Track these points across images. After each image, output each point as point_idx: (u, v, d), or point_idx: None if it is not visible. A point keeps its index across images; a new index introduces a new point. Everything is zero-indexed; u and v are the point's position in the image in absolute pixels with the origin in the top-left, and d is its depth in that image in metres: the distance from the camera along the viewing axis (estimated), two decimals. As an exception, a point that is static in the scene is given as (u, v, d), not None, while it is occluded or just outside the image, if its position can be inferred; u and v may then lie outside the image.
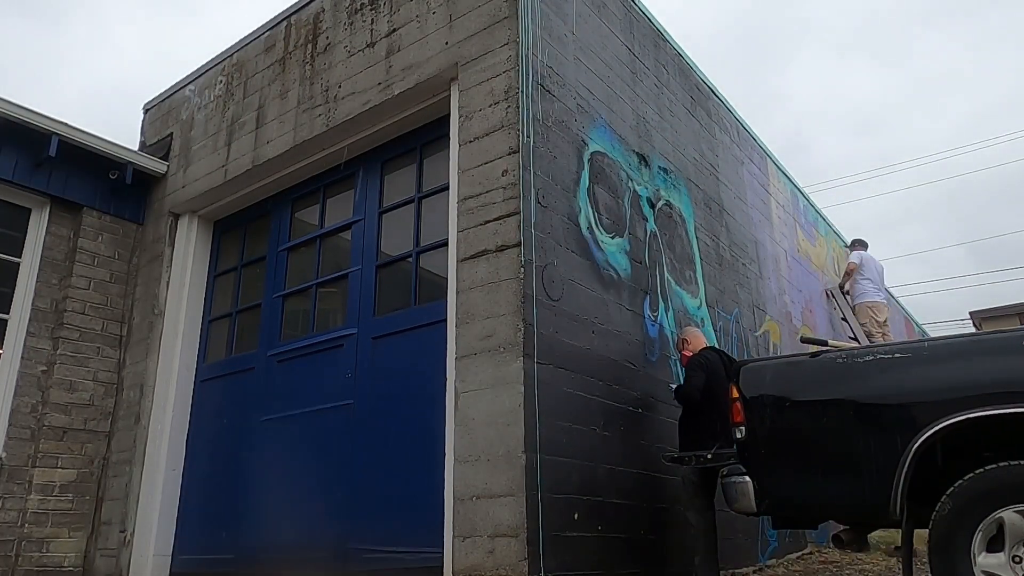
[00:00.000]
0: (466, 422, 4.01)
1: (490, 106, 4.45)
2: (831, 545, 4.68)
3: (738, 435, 3.46)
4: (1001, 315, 19.70)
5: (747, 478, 3.38)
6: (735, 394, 3.52)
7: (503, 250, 4.13)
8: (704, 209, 6.42)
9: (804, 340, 4.43)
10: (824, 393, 3.34)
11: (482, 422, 3.93)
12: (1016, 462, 2.81)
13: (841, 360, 3.38)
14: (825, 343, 3.68)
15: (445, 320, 4.43)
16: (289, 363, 5.65)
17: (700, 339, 5.05)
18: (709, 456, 4.16)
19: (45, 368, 6.07)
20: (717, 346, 5.58)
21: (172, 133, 7.05)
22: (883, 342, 7.80)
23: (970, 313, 21.07)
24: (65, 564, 5.84)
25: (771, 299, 7.49)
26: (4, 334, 6.03)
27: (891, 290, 13.78)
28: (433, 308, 4.71)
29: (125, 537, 5.79)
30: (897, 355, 3.19)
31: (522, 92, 4.34)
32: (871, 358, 3.25)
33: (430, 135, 5.19)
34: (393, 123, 5.28)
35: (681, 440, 4.68)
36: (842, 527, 3.59)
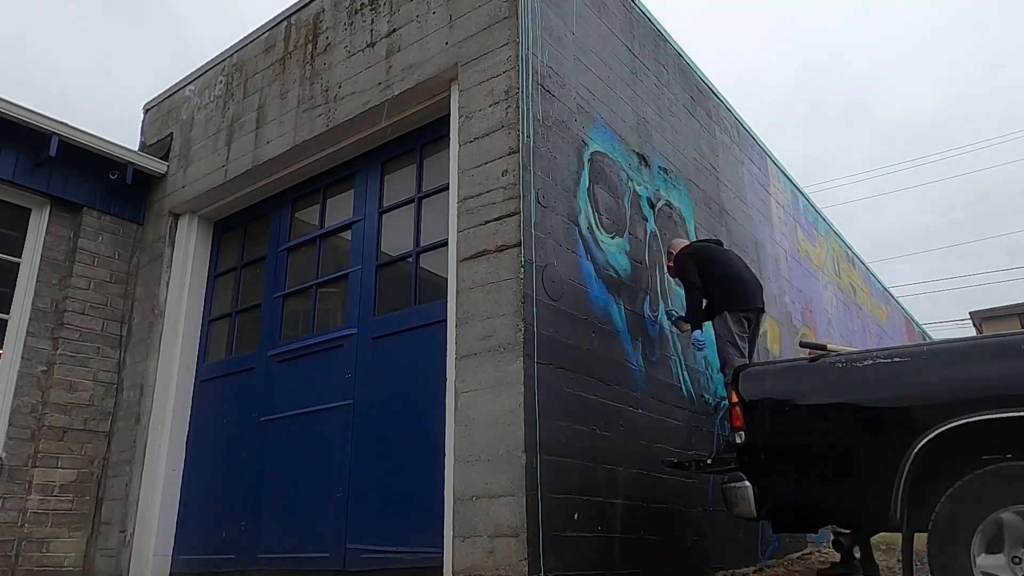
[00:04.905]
0: (466, 422, 4.01)
1: (490, 106, 4.45)
2: (831, 547, 4.68)
3: (738, 440, 3.46)
4: (1001, 315, 19.73)
5: (747, 483, 3.38)
6: (734, 399, 3.52)
7: (503, 250, 4.13)
8: (704, 209, 6.42)
9: (803, 345, 4.42)
10: (823, 398, 3.35)
11: (482, 422, 3.93)
12: (1016, 462, 2.81)
13: (840, 364, 3.38)
14: (824, 347, 3.68)
15: (445, 320, 4.42)
16: (289, 363, 5.65)
17: (681, 243, 5.45)
18: (709, 461, 4.16)
19: (45, 368, 6.07)
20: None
21: (172, 133, 7.04)
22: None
23: (970, 313, 21.10)
24: (65, 564, 5.84)
25: (771, 299, 7.47)
26: (4, 334, 6.03)
27: (891, 290, 13.80)
28: (433, 308, 4.70)
29: (125, 537, 5.80)
30: (896, 359, 3.19)
31: (522, 92, 4.33)
32: (870, 362, 3.25)
33: (430, 135, 5.19)
34: (393, 123, 5.28)
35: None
36: (843, 531, 3.60)
